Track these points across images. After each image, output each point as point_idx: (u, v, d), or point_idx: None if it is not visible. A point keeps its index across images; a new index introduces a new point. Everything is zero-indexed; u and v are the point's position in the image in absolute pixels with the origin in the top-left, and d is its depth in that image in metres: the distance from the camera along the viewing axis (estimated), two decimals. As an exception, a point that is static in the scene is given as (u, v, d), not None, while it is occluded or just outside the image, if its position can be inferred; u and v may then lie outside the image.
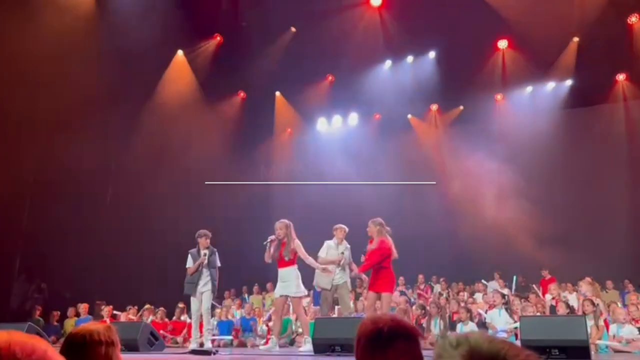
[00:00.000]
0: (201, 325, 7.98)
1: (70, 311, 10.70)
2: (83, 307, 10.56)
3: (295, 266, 7.25)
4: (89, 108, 11.01)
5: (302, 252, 7.25)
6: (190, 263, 7.90)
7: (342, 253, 7.83)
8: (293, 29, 13.77)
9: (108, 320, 9.80)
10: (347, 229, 8.01)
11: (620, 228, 12.63)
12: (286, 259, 7.20)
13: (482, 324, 8.38)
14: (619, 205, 12.97)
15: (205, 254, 7.79)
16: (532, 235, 12.74)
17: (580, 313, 7.70)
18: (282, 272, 7.27)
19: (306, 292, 7.77)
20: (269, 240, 7.29)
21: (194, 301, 7.84)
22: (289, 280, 7.19)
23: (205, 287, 7.75)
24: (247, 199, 14.64)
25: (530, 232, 12.78)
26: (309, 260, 7.30)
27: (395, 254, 7.31)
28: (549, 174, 13.73)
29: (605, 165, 13.44)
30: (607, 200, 13.07)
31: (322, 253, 7.84)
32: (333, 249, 7.86)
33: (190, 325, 10.23)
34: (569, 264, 11.85)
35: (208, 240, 7.90)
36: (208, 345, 7.51)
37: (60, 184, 10.84)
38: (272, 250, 7.26)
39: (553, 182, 13.71)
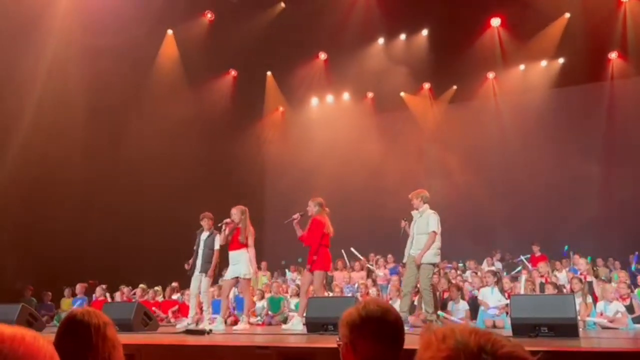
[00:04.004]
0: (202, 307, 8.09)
1: (67, 291, 10.71)
2: (80, 287, 10.55)
3: (246, 249, 7.37)
4: (80, 90, 10.96)
5: (252, 241, 7.39)
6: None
7: (404, 220, 7.35)
8: (282, 5, 13.56)
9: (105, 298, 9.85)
10: (422, 192, 7.29)
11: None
12: (241, 242, 7.33)
13: (474, 302, 8.50)
14: (612, 183, 13.09)
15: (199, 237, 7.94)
16: (518, 213, 12.88)
17: (569, 291, 7.84)
18: (234, 254, 7.41)
19: (252, 275, 7.67)
20: (224, 222, 7.43)
21: (192, 281, 7.91)
22: (239, 263, 7.32)
23: (201, 269, 7.80)
24: (240, 178, 14.67)
25: (517, 209, 12.91)
26: (253, 251, 7.39)
27: (330, 230, 7.34)
28: (539, 152, 13.81)
29: (596, 143, 13.52)
30: (598, 178, 13.19)
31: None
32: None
33: (182, 304, 10.35)
34: (553, 241, 12.04)
35: (210, 222, 7.95)
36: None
37: (50, 166, 10.81)
38: (226, 232, 7.41)
39: (543, 161, 13.80)
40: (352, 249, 11.55)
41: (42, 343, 0.97)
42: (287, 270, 12.72)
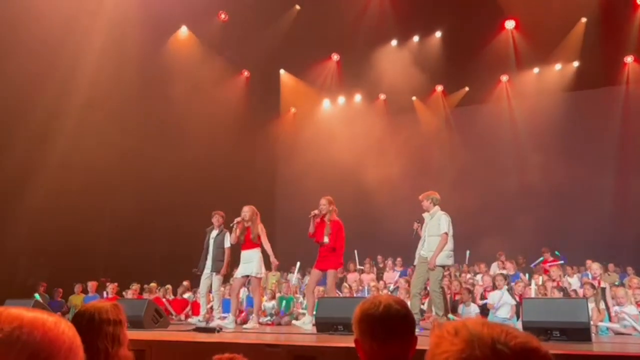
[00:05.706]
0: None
1: (77, 287, 10.80)
2: (91, 285, 10.61)
3: (259, 248, 7.44)
4: (93, 88, 11.05)
5: (264, 238, 7.46)
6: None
7: (417, 222, 7.49)
8: (297, 7, 13.59)
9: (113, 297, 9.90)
10: (432, 194, 7.29)
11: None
12: (253, 241, 7.41)
13: (484, 305, 8.44)
14: (626, 187, 12.94)
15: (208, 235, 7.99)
16: (530, 216, 12.77)
17: (581, 296, 7.76)
18: (247, 253, 7.47)
19: (264, 274, 7.76)
20: (236, 221, 7.48)
21: (202, 280, 7.93)
22: (252, 262, 7.38)
23: (209, 268, 7.81)
24: (252, 178, 14.72)
25: (528, 213, 12.81)
26: (268, 246, 7.48)
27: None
28: (552, 155, 13.69)
29: (610, 147, 13.38)
30: (612, 182, 13.05)
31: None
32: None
33: (194, 302, 10.39)
34: (565, 245, 11.91)
35: (221, 220, 7.99)
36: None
37: (64, 163, 10.90)
38: (237, 232, 7.47)
39: (556, 164, 13.66)
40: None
41: (63, 329, 0.95)
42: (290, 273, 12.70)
